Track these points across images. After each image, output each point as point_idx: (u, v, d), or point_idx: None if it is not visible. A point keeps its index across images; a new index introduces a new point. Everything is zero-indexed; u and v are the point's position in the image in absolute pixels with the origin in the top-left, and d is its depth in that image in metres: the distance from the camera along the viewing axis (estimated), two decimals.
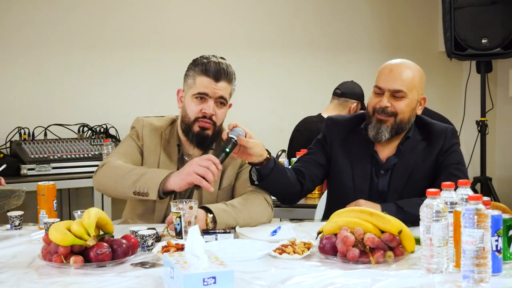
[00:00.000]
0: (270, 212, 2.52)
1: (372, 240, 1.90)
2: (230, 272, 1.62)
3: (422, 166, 2.56)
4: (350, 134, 2.64)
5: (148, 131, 2.58)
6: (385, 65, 2.59)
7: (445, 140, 2.59)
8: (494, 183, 5.06)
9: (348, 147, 2.62)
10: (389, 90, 2.52)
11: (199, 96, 2.49)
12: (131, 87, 4.65)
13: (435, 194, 1.77)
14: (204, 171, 2.26)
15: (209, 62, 2.49)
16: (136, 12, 4.66)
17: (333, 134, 2.67)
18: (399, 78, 2.52)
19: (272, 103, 5.11)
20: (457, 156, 2.61)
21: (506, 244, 1.80)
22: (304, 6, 5.23)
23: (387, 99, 2.52)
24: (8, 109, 4.26)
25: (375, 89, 2.57)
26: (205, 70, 2.48)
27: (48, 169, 3.87)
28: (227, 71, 2.50)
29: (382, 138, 2.54)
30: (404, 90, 2.52)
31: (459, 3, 4.83)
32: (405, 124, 2.56)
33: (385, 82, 2.53)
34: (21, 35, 4.30)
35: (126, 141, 2.62)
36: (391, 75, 2.53)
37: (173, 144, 2.58)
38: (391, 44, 5.54)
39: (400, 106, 2.52)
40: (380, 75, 2.56)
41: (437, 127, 2.63)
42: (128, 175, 2.36)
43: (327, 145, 2.67)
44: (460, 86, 5.72)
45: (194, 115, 2.50)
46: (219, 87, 2.48)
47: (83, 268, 1.88)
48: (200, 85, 2.48)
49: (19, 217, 2.43)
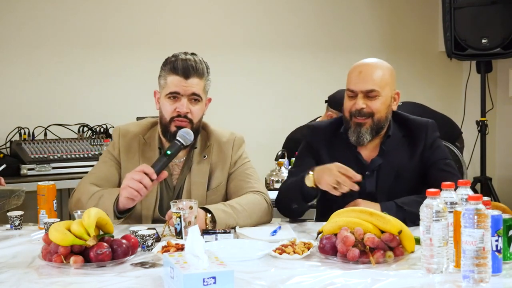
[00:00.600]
0: (270, 212, 2.52)
1: (372, 240, 1.90)
2: (230, 272, 1.62)
3: (409, 164, 2.56)
4: (332, 139, 2.64)
5: (124, 139, 2.57)
6: (354, 67, 2.58)
7: (427, 135, 2.59)
8: (494, 183, 5.06)
9: (332, 152, 2.60)
10: (362, 91, 2.51)
11: (171, 96, 2.47)
12: (131, 87, 4.65)
13: (435, 194, 1.77)
14: (136, 185, 2.24)
15: (176, 60, 2.47)
16: (136, 12, 4.66)
17: (316, 140, 2.67)
18: (370, 78, 2.52)
19: (272, 103, 5.11)
20: (442, 151, 2.62)
21: (506, 244, 1.80)
22: (304, 6, 5.23)
23: (362, 100, 2.51)
24: (8, 109, 4.26)
25: (348, 93, 2.56)
26: (173, 69, 2.46)
27: (48, 169, 3.87)
28: (195, 67, 2.47)
29: (364, 141, 2.54)
30: (377, 89, 2.52)
31: (459, 3, 4.83)
32: (383, 123, 2.55)
33: (357, 84, 2.53)
34: (21, 35, 4.30)
35: (102, 157, 2.61)
36: (361, 76, 2.53)
37: (154, 147, 2.56)
38: (391, 44, 5.54)
39: (375, 106, 2.52)
40: (351, 78, 2.56)
41: (417, 123, 2.63)
42: (90, 200, 2.37)
43: (314, 151, 2.65)
44: (460, 86, 5.71)
45: (169, 115, 2.48)
46: (189, 84, 2.46)
47: (83, 268, 1.88)
48: (171, 84, 2.47)
49: (19, 217, 2.43)
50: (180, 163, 2.56)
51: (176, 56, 2.51)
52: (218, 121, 2.92)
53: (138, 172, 2.27)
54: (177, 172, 2.56)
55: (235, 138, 2.63)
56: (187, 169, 2.55)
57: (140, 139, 2.58)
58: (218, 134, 2.62)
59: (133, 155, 2.55)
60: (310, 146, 2.69)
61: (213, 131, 2.63)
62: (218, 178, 2.56)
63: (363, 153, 2.60)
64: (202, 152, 2.58)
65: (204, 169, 2.55)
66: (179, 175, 2.56)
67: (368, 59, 2.60)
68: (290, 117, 4.52)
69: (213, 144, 2.59)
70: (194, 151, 2.57)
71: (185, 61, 2.47)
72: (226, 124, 2.78)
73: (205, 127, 2.64)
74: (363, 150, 2.60)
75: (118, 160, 2.56)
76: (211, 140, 2.60)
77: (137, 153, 2.55)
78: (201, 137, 2.60)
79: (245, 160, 2.63)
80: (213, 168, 2.56)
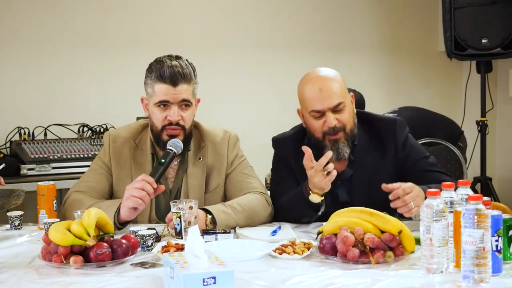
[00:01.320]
0: (270, 212, 2.52)
1: (372, 240, 1.90)
2: (230, 272, 1.62)
3: (382, 167, 2.50)
4: (297, 150, 2.53)
5: (114, 145, 2.54)
6: (308, 87, 2.47)
7: (396, 134, 2.53)
8: (494, 183, 5.05)
9: (300, 163, 2.49)
10: (330, 108, 2.44)
11: (161, 104, 2.43)
12: (131, 87, 4.62)
13: (435, 194, 1.77)
14: (139, 193, 2.23)
15: (162, 67, 2.41)
16: (136, 12, 4.65)
17: (283, 153, 2.63)
18: (333, 92, 2.44)
19: (272, 103, 5.10)
20: (418, 149, 2.56)
21: (506, 244, 1.80)
22: (304, 6, 5.23)
23: (332, 116, 2.44)
24: (8, 109, 4.26)
25: (313, 114, 2.46)
26: (160, 77, 2.41)
27: (48, 169, 3.86)
28: (183, 73, 2.41)
29: (345, 155, 2.48)
30: (342, 100, 2.45)
31: (459, 3, 4.83)
32: (354, 130, 2.51)
33: (322, 102, 2.43)
34: (21, 35, 4.29)
35: (93, 164, 2.58)
36: (324, 93, 2.43)
37: (146, 152, 2.54)
38: (391, 44, 5.53)
39: (345, 118, 2.46)
40: (311, 98, 2.45)
41: (384, 122, 2.57)
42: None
43: (285, 161, 2.61)
44: (460, 86, 5.71)
45: (160, 123, 2.44)
46: (178, 91, 2.41)
47: (83, 268, 1.88)
48: (159, 93, 2.42)
49: (19, 217, 2.43)
50: (175, 166, 2.54)
51: (161, 62, 2.44)
52: (218, 121, 2.92)
53: (139, 181, 2.26)
54: (172, 175, 2.54)
55: (229, 136, 2.60)
56: (182, 172, 2.53)
57: (131, 144, 2.55)
58: (212, 134, 2.59)
59: (125, 161, 2.53)
60: (279, 158, 2.65)
61: (206, 131, 2.60)
62: (216, 180, 2.55)
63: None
64: (197, 154, 2.55)
65: (200, 171, 2.53)
66: (174, 178, 2.54)
67: (314, 73, 2.51)
68: (290, 117, 4.50)
69: (207, 145, 2.56)
70: (188, 153, 2.54)
71: (172, 68, 2.40)
72: (226, 124, 2.76)
73: (198, 126, 2.61)
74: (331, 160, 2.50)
75: (109, 167, 2.53)
76: (205, 140, 2.57)
77: (128, 159, 2.53)
78: (194, 138, 2.56)
79: (242, 159, 2.61)
80: (210, 170, 2.54)
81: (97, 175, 2.53)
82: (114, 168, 2.53)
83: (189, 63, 2.48)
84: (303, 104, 2.53)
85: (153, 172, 2.33)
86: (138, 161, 2.52)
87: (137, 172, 2.45)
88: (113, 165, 2.53)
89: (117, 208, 2.28)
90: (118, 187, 2.51)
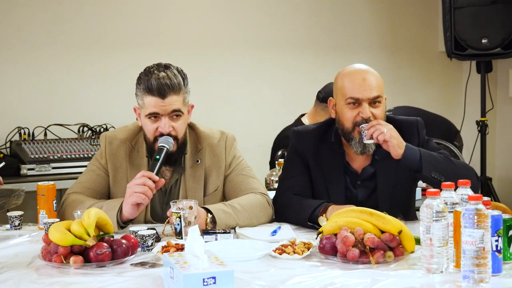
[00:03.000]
0: (270, 212, 2.52)
1: (372, 240, 1.90)
2: (230, 272, 1.62)
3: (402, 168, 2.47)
4: (320, 145, 2.55)
5: (111, 147, 2.54)
6: (353, 74, 2.48)
7: (419, 134, 2.54)
8: (494, 183, 5.05)
9: (320, 159, 2.52)
10: (368, 99, 2.44)
11: (151, 116, 2.41)
12: (131, 87, 4.60)
13: (435, 194, 1.77)
14: (141, 188, 2.24)
15: (150, 79, 2.38)
16: (137, 12, 4.65)
17: (303, 146, 2.59)
18: (375, 84, 2.45)
19: (272, 102, 5.10)
20: (432, 143, 2.57)
21: (506, 244, 1.80)
22: (304, 6, 5.23)
23: (368, 108, 2.44)
24: (8, 109, 4.26)
25: (350, 101, 2.45)
26: (148, 89, 2.38)
27: (48, 169, 3.86)
28: (171, 84, 2.37)
29: (370, 150, 2.48)
30: (381, 95, 2.47)
31: (459, 3, 4.83)
32: None
33: (363, 91, 2.43)
34: (21, 35, 4.29)
35: (90, 165, 2.58)
36: (366, 83, 2.44)
37: (142, 154, 2.53)
38: (391, 44, 5.53)
39: (378, 113, 2.46)
40: (353, 85, 2.44)
41: (406, 123, 2.57)
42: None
43: (301, 156, 2.59)
44: (460, 86, 5.71)
45: (152, 135, 2.43)
46: (167, 103, 2.38)
47: (83, 268, 1.88)
48: (149, 105, 2.39)
49: (19, 217, 2.43)
50: (171, 167, 2.53)
51: (149, 73, 2.41)
52: (218, 121, 2.93)
53: (139, 177, 2.26)
54: (168, 176, 2.54)
55: (226, 137, 2.59)
56: (177, 173, 2.53)
57: (128, 146, 2.54)
58: (209, 136, 2.58)
59: (121, 163, 2.53)
60: (297, 151, 2.62)
61: (202, 132, 2.58)
62: (215, 183, 2.54)
63: (351, 162, 2.54)
64: (194, 156, 2.54)
65: (198, 174, 2.52)
66: (169, 179, 2.53)
67: (360, 65, 2.53)
68: (290, 117, 4.50)
69: (205, 147, 2.55)
70: (185, 156, 2.53)
71: (159, 80, 2.37)
72: (226, 124, 2.77)
73: (193, 128, 2.60)
74: (352, 159, 2.54)
75: (106, 168, 2.53)
76: (202, 143, 2.56)
77: (124, 161, 2.52)
78: (190, 140, 2.55)
79: (239, 160, 2.60)
80: (208, 172, 2.53)
81: (95, 176, 2.53)
82: (110, 170, 2.53)
83: (179, 71, 2.45)
84: (340, 93, 2.50)
85: (151, 167, 2.33)
86: (134, 163, 2.52)
87: (133, 174, 2.42)
88: (109, 167, 2.53)
89: (119, 207, 2.28)
90: (114, 189, 2.51)
